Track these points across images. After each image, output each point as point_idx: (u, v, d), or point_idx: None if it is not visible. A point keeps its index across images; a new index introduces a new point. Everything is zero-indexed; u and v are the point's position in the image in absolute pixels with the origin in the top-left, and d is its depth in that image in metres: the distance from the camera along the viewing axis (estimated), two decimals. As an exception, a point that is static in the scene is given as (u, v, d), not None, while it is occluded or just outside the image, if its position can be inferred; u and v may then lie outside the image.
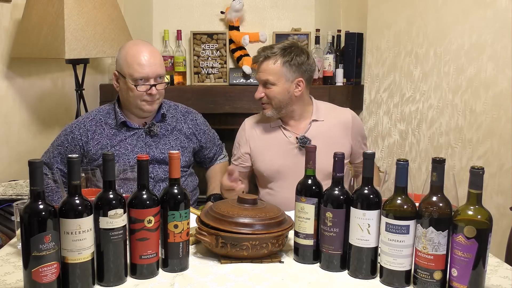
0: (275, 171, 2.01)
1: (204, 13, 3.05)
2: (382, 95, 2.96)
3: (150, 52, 1.90)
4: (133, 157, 1.94)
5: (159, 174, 1.99)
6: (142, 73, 1.86)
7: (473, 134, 2.61)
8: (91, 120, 1.99)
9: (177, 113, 2.09)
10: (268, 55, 1.93)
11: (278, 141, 2.03)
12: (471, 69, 2.59)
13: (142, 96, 1.90)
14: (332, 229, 1.34)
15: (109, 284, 1.25)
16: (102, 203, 1.22)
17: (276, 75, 1.92)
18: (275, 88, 1.93)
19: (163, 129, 2.02)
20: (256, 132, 2.07)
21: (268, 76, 1.93)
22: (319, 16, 3.08)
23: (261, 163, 2.04)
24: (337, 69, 2.97)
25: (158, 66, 1.89)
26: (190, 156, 2.09)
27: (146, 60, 1.87)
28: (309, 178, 1.40)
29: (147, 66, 1.86)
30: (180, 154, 1.34)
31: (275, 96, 1.94)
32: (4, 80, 2.49)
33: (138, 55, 1.88)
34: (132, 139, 1.97)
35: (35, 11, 2.38)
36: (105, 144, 1.95)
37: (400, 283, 1.27)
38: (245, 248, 1.37)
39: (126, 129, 1.98)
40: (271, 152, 2.02)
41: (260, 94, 1.97)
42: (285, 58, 1.92)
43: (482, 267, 1.18)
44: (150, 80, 1.88)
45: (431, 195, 1.22)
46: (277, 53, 1.92)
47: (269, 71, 1.93)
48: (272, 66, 1.92)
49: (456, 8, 2.62)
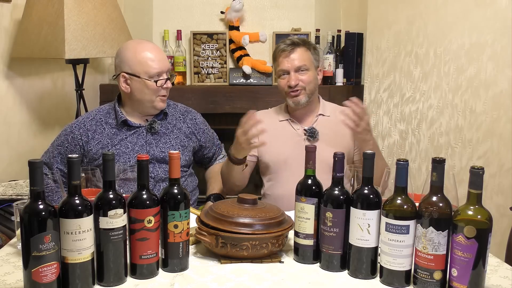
0: (283, 162, 2.04)
1: (204, 13, 3.05)
2: (382, 95, 2.96)
3: (156, 48, 1.97)
4: (133, 155, 1.94)
5: (159, 173, 1.98)
6: (157, 69, 1.91)
7: (473, 134, 2.61)
8: (91, 120, 1.99)
9: (176, 112, 2.10)
10: (297, 43, 2.01)
11: (286, 133, 2.07)
12: (471, 69, 2.59)
13: (158, 92, 1.93)
14: (332, 229, 1.34)
15: (109, 284, 1.25)
16: (102, 203, 1.22)
17: (309, 61, 2.02)
18: (309, 73, 2.02)
19: (164, 127, 2.03)
20: (265, 124, 2.08)
21: (304, 61, 2.00)
22: (319, 16, 3.08)
23: (268, 154, 2.06)
24: (337, 69, 2.97)
25: (167, 61, 1.97)
26: (190, 156, 2.09)
27: (157, 56, 1.92)
28: (309, 178, 1.40)
29: (160, 61, 1.92)
30: (180, 154, 1.33)
31: (311, 80, 2.02)
32: (4, 80, 2.49)
33: (148, 52, 1.92)
34: (133, 137, 1.98)
35: (35, 11, 2.38)
36: (105, 144, 1.95)
37: (400, 283, 1.27)
38: (245, 248, 1.37)
39: (126, 128, 1.98)
40: (279, 143, 2.05)
41: (296, 80, 1.99)
42: (311, 46, 2.05)
43: (482, 267, 1.18)
44: (163, 74, 1.93)
45: (431, 195, 1.22)
46: (302, 42, 2.02)
47: (303, 57, 2.00)
48: (305, 52, 2.01)
49: (456, 8, 2.62)
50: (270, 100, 2.76)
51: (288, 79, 2.00)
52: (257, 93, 2.86)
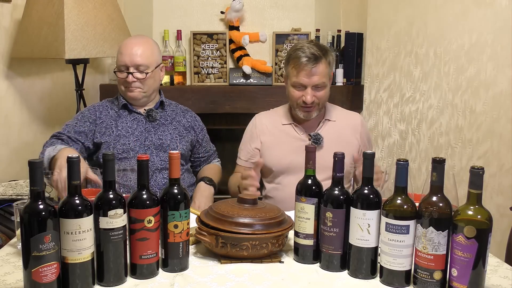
0: (285, 167, 2.02)
1: (204, 13, 3.05)
2: (382, 95, 2.96)
3: (137, 43, 2.04)
4: (133, 139, 2.03)
5: (156, 163, 2.02)
6: (121, 61, 2.02)
7: (473, 134, 2.61)
8: (99, 106, 2.12)
9: (177, 109, 2.19)
10: (319, 56, 1.90)
11: (289, 138, 2.05)
12: (471, 69, 2.59)
13: (121, 82, 2.05)
14: (332, 229, 1.34)
15: (109, 284, 1.25)
16: (102, 203, 1.22)
17: (327, 77, 1.95)
18: (326, 89, 1.96)
19: (163, 118, 2.11)
20: (268, 128, 2.09)
21: (323, 78, 1.93)
22: (319, 16, 3.08)
23: (271, 158, 2.04)
24: (337, 69, 2.97)
25: (138, 57, 2.01)
26: (188, 146, 2.14)
27: (128, 50, 2.01)
28: (309, 178, 1.40)
29: (127, 55, 2.01)
30: (179, 154, 1.34)
31: (326, 96, 1.99)
32: (4, 80, 2.49)
33: (125, 45, 2.04)
34: (133, 123, 2.07)
35: (35, 11, 2.38)
36: (109, 124, 2.04)
37: (400, 283, 1.27)
38: (245, 248, 1.37)
39: (127, 113, 2.09)
40: (282, 148, 2.03)
41: (312, 97, 1.93)
42: (329, 58, 1.95)
43: (482, 267, 1.18)
44: (129, 68, 2.01)
45: (431, 195, 1.22)
46: (322, 54, 1.91)
47: (323, 74, 1.93)
48: (324, 69, 1.93)
49: (456, 8, 2.62)
50: (270, 100, 2.77)
51: (303, 94, 1.93)
52: (257, 93, 2.86)
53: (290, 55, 1.97)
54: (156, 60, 2.07)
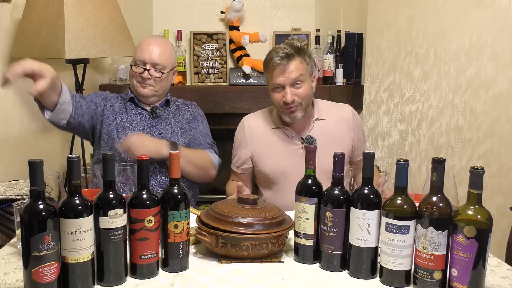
0: (281, 173, 1.99)
1: (204, 13, 3.05)
2: (382, 95, 2.96)
3: (157, 43, 2.09)
4: (135, 132, 2.05)
5: None
6: (140, 56, 2.06)
7: (473, 134, 2.61)
8: (110, 93, 2.19)
9: (182, 104, 2.23)
10: (291, 54, 1.88)
11: (281, 142, 2.00)
12: (471, 69, 2.59)
13: (135, 77, 2.08)
14: (332, 229, 1.34)
15: (109, 284, 1.25)
16: (102, 203, 1.22)
17: (304, 71, 1.90)
18: (305, 85, 1.90)
19: (166, 113, 2.15)
20: (257, 133, 2.03)
21: (299, 73, 1.88)
22: (319, 16, 3.08)
23: (265, 165, 2.01)
24: (337, 69, 2.97)
25: (157, 55, 2.06)
26: None
27: (149, 48, 2.07)
28: (309, 178, 1.40)
29: (146, 52, 2.06)
30: (179, 154, 1.34)
31: (307, 94, 1.91)
32: (4, 80, 2.48)
33: (146, 42, 2.10)
34: (137, 117, 2.11)
35: (35, 11, 2.38)
36: (116, 112, 2.09)
37: (400, 283, 1.27)
38: (245, 248, 1.37)
39: (133, 107, 2.12)
40: (275, 153, 1.99)
41: (292, 96, 1.88)
42: (306, 55, 1.92)
43: (482, 267, 1.18)
44: (146, 65, 2.05)
45: (431, 195, 1.22)
46: (294, 52, 1.89)
47: (298, 69, 1.88)
48: (300, 64, 1.89)
49: (456, 8, 2.62)
50: (270, 100, 2.75)
51: (283, 94, 1.89)
52: (257, 93, 2.86)
53: (265, 60, 1.95)
54: (173, 62, 2.14)
